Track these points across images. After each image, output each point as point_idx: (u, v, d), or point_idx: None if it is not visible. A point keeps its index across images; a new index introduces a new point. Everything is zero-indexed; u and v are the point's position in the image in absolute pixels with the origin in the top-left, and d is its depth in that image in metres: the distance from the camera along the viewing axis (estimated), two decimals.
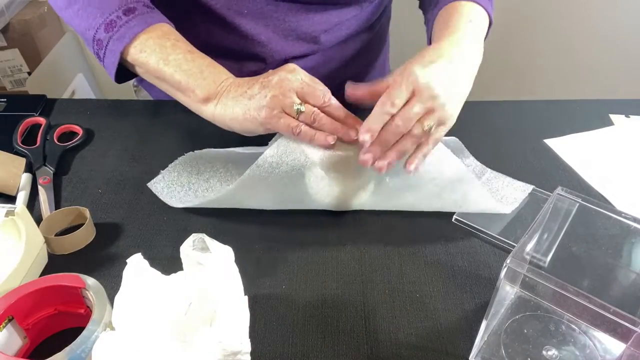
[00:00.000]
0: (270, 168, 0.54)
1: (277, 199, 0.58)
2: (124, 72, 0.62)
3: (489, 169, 0.66)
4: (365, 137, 0.51)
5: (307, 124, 0.53)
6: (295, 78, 0.53)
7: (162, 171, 0.64)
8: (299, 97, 0.53)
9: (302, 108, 0.52)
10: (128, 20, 0.58)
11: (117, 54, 0.58)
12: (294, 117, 0.53)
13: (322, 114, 0.53)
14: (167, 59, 0.57)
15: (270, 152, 0.54)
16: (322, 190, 0.56)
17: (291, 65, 0.55)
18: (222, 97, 0.56)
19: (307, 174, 0.55)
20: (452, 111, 0.55)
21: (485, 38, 0.65)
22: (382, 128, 0.52)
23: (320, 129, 0.53)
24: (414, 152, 0.54)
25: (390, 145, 0.53)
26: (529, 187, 0.63)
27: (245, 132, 0.56)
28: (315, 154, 0.54)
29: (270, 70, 0.55)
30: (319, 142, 0.53)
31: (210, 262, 0.42)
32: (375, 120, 0.52)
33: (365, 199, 0.59)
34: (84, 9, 0.60)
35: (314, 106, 0.53)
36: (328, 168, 0.55)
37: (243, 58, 0.73)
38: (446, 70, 0.53)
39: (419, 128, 0.52)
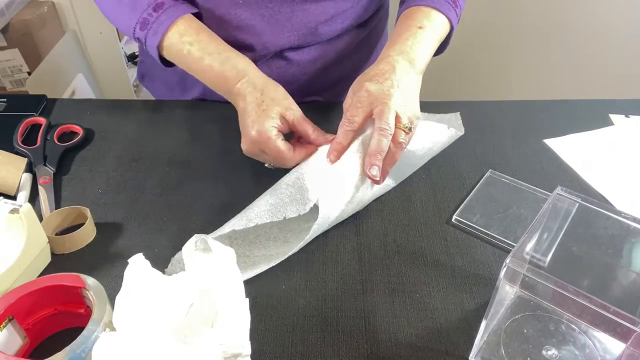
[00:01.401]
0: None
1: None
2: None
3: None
4: (374, 171, 0.55)
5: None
6: (266, 152, 0.60)
7: (172, 259, 0.54)
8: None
9: (269, 165, 0.63)
10: (158, 16, 0.64)
11: (155, 49, 0.65)
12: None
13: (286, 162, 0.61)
14: (189, 67, 0.65)
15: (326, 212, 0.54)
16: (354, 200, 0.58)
17: (263, 134, 0.59)
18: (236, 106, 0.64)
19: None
20: (414, 109, 0.59)
21: (447, 41, 0.71)
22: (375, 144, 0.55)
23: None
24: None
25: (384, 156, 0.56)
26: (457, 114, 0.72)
27: None
28: (351, 180, 0.56)
29: (251, 108, 0.60)
30: None
31: (212, 264, 0.42)
32: (339, 137, 0.58)
33: (372, 192, 0.60)
34: (117, 12, 0.67)
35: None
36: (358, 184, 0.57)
37: (239, 49, 0.73)
38: (393, 80, 0.58)
39: (401, 134, 0.56)
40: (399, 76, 0.59)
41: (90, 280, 0.45)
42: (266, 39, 0.72)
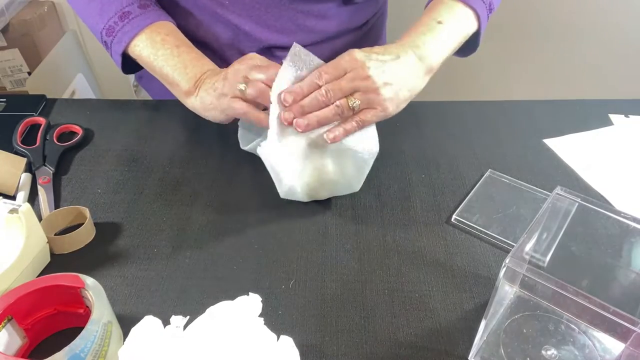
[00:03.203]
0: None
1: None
2: (133, 64, 0.68)
3: None
4: (287, 97, 0.55)
5: (255, 101, 0.58)
6: (248, 64, 0.58)
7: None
8: (250, 78, 0.57)
9: (243, 87, 0.57)
10: (123, 25, 0.65)
11: (118, 55, 0.66)
12: (242, 99, 0.58)
13: (264, 86, 0.57)
14: (156, 54, 0.64)
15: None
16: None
17: (250, 55, 0.60)
18: (200, 90, 0.61)
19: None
20: (389, 100, 0.56)
21: (477, 40, 0.65)
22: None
23: (263, 102, 0.57)
24: (337, 125, 0.57)
25: (313, 111, 0.56)
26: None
27: (217, 121, 0.62)
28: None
29: (235, 61, 0.60)
30: (286, 120, 0.56)
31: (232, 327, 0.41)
32: (302, 84, 0.56)
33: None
34: (86, 13, 0.68)
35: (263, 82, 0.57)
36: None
37: (229, 49, 0.74)
38: (390, 63, 0.56)
39: (344, 102, 0.55)
40: (397, 66, 0.56)
41: (89, 280, 0.45)
42: (256, 38, 0.72)
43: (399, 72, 0.56)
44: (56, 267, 0.54)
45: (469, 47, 0.66)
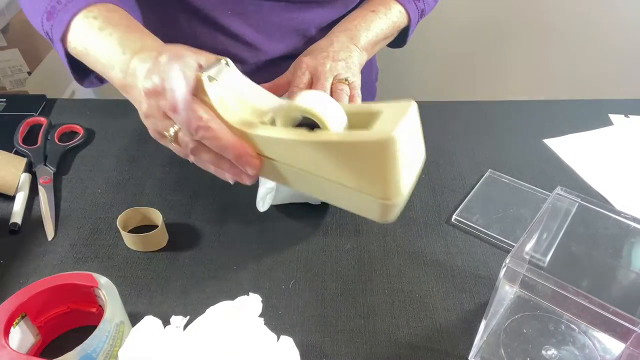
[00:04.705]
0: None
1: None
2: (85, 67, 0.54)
3: None
4: None
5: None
6: (168, 90, 0.41)
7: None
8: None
9: (172, 132, 0.45)
10: (66, 3, 0.51)
11: (59, 44, 0.53)
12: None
13: (206, 134, 0.43)
14: (87, 47, 0.50)
15: None
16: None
17: (164, 67, 0.42)
18: (128, 89, 0.47)
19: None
20: (344, 55, 0.60)
21: (406, 34, 0.71)
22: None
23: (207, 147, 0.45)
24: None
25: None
26: None
27: None
28: None
29: (150, 64, 0.43)
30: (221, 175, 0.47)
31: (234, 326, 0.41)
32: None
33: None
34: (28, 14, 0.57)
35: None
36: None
37: (231, 59, 0.72)
38: (329, 52, 0.60)
39: (337, 84, 0.57)
40: (336, 48, 0.61)
41: (103, 280, 0.45)
42: (258, 47, 0.71)
43: (341, 54, 0.61)
44: (69, 267, 0.54)
45: (399, 40, 0.72)
